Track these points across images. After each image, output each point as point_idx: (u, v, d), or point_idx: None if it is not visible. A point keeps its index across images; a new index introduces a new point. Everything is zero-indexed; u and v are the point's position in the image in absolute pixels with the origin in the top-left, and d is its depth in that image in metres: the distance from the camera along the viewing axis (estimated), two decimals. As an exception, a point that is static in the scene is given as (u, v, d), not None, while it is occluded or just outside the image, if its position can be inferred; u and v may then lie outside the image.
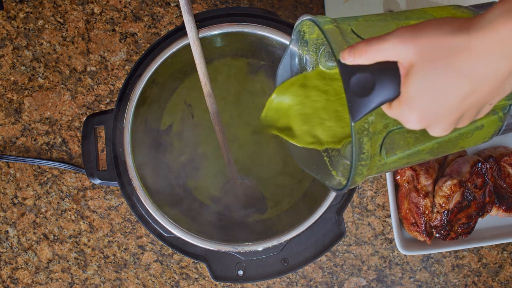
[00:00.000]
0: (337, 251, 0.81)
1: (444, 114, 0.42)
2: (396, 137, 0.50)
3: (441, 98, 0.41)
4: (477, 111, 0.43)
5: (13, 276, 0.81)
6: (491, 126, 0.53)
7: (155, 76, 0.69)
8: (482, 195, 0.74)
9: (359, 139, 0.48)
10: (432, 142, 0.52)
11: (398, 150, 0.51)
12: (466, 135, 0.53)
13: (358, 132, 0.48)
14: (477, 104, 0.42)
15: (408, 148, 0.51)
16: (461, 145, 0.54)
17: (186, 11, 0.63)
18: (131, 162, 0.67)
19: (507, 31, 0.38)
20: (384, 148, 0.50)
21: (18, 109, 0.81)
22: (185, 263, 0.80)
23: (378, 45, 0.43)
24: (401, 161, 0.53)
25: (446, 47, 0.41)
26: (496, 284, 0.82)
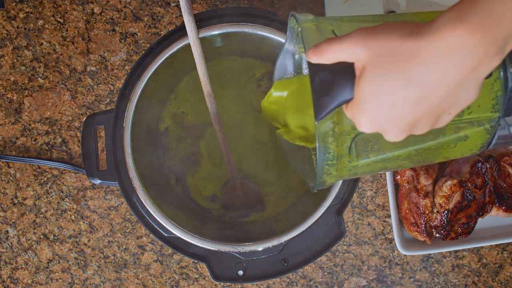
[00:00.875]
0: (337, 251, 0.81)
1: (393, 119, 0.42)
2: (370, 140, 0.50)
3: (389, 103, 0.41)
4: (433, 120, 0.42)
5: (13, 276, 0.81)
6: (478, 138, 0.51)
7: (155, 76, 0.69)
8: (482, 195, 0.74)
9: (323, 138, 0.48)
10: (409, 148, 0.51)
11: (372, 154, 0.50)
12: (449, 145, 0.52)
13: (323, 131, 0.48)
14: (432, 112, 0.41)
15: (382, 153, 0.51)
16: (444, 155, 0.53)
17: (186, 11, 0.63)
18: (131, 162, 0.67)
19: (453, 39, 0.38)
20: (354, 150, 0.50)
21: (18, 109, 0.81)
22: (185, 263, 0.80)
23: (336, 46, 0.43)
24: (376, 165, 0.52)
25: (395, 52, 0.40)
26: (496, 284, 0.82)
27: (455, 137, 0.51)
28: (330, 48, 0.43)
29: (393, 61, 0.40)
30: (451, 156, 0.53)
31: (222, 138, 0.70)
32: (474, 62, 0.38)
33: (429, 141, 0.51)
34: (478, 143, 0.52)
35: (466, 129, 0.50)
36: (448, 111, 0.42)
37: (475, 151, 0.53)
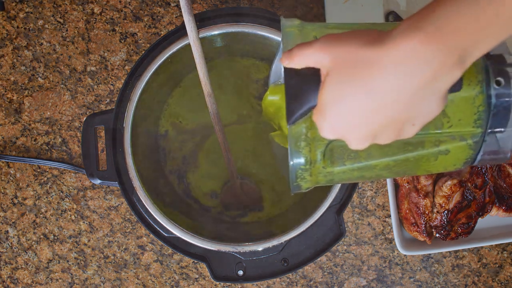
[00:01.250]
0: (337, 251, 0.81)
1: (353, 127, 0.42)
2: (347, 148, 0.49)
3: (348, 110, 0.41)
4: (396, 130, 0.42)
5: (13, 276, 0.81)
6: (460, 153, 0.50)
7: (155, 76, 0.69)
8: (482, 195, 0.75)
9: (296, 143, 0.48)
10: (386, 159, 0.50)
11: (348, 161, 0.50)
12: (428, 159, 0.51)
13: (295, 135, 0.48)
14: (393, 122, 0.41)
15: (359, 161, 0.50)
16: (425, 168, 0.52)
17: (186, 11, 0.63)
18: (131, 162, 0.67)
19: (408, 48, 0.37)
20: (330, 157, 0.50)
21: (18, 109, 0.81)
22: (185, 263, 0.80)
23: (304, 51, 0.43)
24: (353, 173, 0.51)
25: (355, 59, 0.40)
26: (496, 284, 0.82)
27: (435, 151, 0.50)
28: (299, 53, 0.44)
29: (352, 68, 0.40)
30: (433, 170, 0.52)
31: (222, 138, 0.70)
32: (430, 72, 0.38)
33: (407, 153, 0.50)
34: (461, 158, 0.51)
35: (447, 143, 0.50)
36: (411, 122, 0.41)
37: (459, 166, 0.52)
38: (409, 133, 0.43)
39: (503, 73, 0.48)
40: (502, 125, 0.49)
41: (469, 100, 0.48)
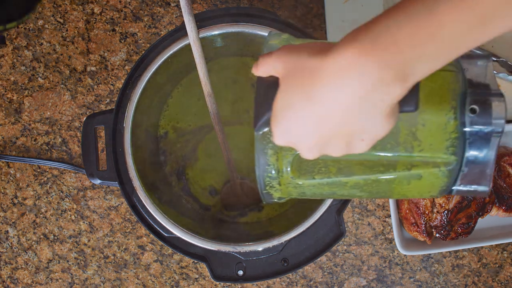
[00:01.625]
0: (337, 251, 0.81)
1: (301, 135, 0.42)
2: (319, 162, 0.49)
3: (295, 119, 0.41)
4: (344, 143, 0.42)
5: (13, 276, 0.81)
6: (434, 179, 0.49)
7: (155, 76, 0.69)
8: (482, 195, 0.75)
9: (262, 149, 0.49)
10: (356, 177, 0.50)
11: (318, 175, 0.50)
12: (400, 182, 0.50)
13: (262, 143, 0.49)
14: (339, 134, 0.41)
15: (328, 176, 0.50)
16: (399, 192, 0.51)
17: (186, 11, 0.63)
18: (131, 162, 0.67)
19: (345, 59, 0.37)
20: (298, 167, 0.50)
21: (18, 109, 0.81)
22: (185, 263, 0.80)
23: (266, 60, 0.45)
24: (324, 188, 0.51)
25: (302, 68, 0.41)
26: (496, 284, 0.82)
27: (407, 174, 0.49)
28: (263, 62, 0.45)
29: (299, 77, 0.41)
30: (408, 194, 0.51)
31: (222, 138, 0.70)
32: (366, 85, 0.37)
33: (378, 173, 0.49)
34: (436, 186, 0.50)
35: (419, 167, 0.48)
36: (359, 137, 0.41)
37: (435, 194, 0.51)
38: (360, 149, 0.42)
39: (481, 102, 0.47)
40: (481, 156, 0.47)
41: (440, 126, 0.47)
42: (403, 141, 0.48)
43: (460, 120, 0.47)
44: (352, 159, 0.49)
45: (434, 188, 0.50)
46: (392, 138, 0.48)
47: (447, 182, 0.49)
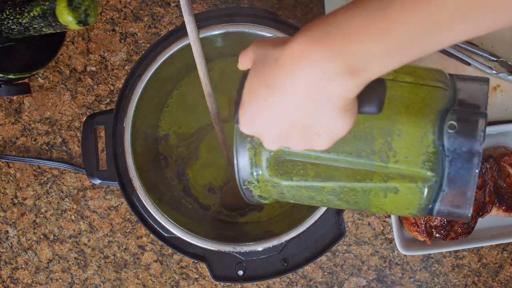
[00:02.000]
0: (337, 251, 0.81)
1: (263, 124, 0.43)
2: (298, 164, 0.49)
3: (258, 108, 0.42)
4: (303, 136, 0.42)
5: (13, 276, 0.81)
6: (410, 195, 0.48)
7: (155, 76, 0.69)
8: (482, 195, 0.75)
9: (241, 143, 0.49)
10: (333, 183, 0.49)
11: (296, 177, 0.50)
12: (377, 193, 0.49)
13: (241, 135, 0.49)
14: (297, 125, 0.41)
15: (305, 179, 0.50)
16: (377, 204, 0.50)
17: (186, 11, 0.63)
18: (131, 162, 0.67)
19: (298, 49, 0.38)
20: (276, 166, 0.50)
21: (18, 109, 0.81)
22: (185, 263, 0.80)
23: (243, 53, 0.46)
24: (302, 192, 0.51)
25: (265, 58, 0.42)
26: (496, 284, 0.82)
27: (383, 186, 0.48)
28: (241, 55, 0.47)
29: (262, 67, 0.42)
30: (386, 208, 0.51)
31: (222, 138, 0.70)
32: (316, 75, 0.38)
33: (354, 182, 0.49)
34: (414, 203, 0.49)
35: (395, 180, 0.48)
36: (315, 131, 0.41)
37: (413, 211, 0.50)
38: (319, 144, 0.43)
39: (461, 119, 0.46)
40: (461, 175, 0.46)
41: (416, 138, 0.46)
42: (378, 150, 0.47)
43: (438, 135, 0.46)
44: (331, 164, 0.49)
45: (412, 205, 0.49)
46: (367, 145, 0.47)
47: (425, 200, 0.48)
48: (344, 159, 0.48)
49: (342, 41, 0.37)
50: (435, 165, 0.46)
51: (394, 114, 0.47)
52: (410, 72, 0.50)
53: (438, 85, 0.49)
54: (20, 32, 0.61)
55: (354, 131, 0.48)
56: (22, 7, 0.59)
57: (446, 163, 0.46)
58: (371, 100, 0.42)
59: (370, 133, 0.47)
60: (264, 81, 0.41)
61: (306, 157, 0.49)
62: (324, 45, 0.37)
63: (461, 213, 0.48)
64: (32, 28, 0.60)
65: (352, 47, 0.37)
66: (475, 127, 0.45)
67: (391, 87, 0.49)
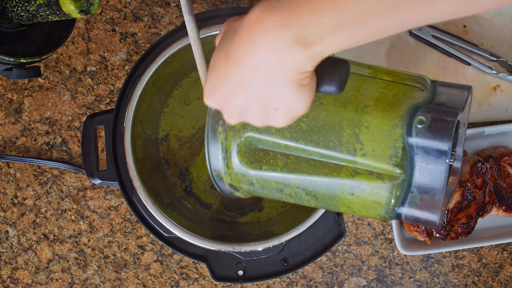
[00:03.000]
0: (337, 251, 0.81)
1: (223, 96, 0.43)
2: (269, 154, 0.49)
3: (219, 79, 0.42)
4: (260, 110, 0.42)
5: (13, 276, 0.81)
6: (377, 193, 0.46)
7: (155, 76, 0.69)
8: (482, 195, 0.75)
9: (213, 126, 0.49)
10: (301, 175, 0.48)
11: (265, 166, 0.49)
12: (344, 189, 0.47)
13: (214, 118, 0.49)
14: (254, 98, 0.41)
15: (275, 170, 0.49)
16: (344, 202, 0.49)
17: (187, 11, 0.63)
18: (131, 162, 0.67)
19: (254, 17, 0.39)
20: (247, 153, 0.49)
21: (18, 109, 0.81)
22: (185, 263, 0.80)
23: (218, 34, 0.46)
24: (270, 183, 0.50)
25: (229, 30, 0.42)
26: (496, 284, 0.82)
27: (350, 182, 0.47)
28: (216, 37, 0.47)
29: (224, 39, 0.43)
30: (354, 208, 0.49)
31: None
32: (270, 43, 0.38)
33: (321, 174, 0.47)
34: (381, 202, 0.47)
35: (363, 176, 0.46)
36: (272, 105, 0.41)
37: (381, 213, 0.48)
38: (277, 121, 0.42)
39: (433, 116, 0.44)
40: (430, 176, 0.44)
41: (384, 131, 0.45)
42: (346, 142, 0.46)
43: (407, 130, 0.44)
44: (300, 155, 0.48)
45: (380, 205, 0.47)
46: (335, 136, 0.47)
47: (393, 200, 0.46)
48: (313, 149, 0.47)
49: (294, 11, 0.37)
50: (403, 161, 0.45)
51: (364, 106, 0.47)
52: (389, 73, 0.50)
53: (415, 85, 0.48)
54: (28, 19, 0.63)
55: (322, 120, 0.47)
56: None
57: (416, 162, 0.44)
58: (330, 78, 0.41)
59: (339, 123, 0.46)
60: (225, 52, 0.41)
61: (277, 146, 0.49)
62: (278, 13, 0.38)
63: (429, 219, 0.46)
64: (39, 16, 0.62)
65: (303, 17, 0.37)
66: (445, 124, 0.43)
67: (366, 82, 0.48)
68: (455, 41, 0.78)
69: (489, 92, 0.79)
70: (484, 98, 0.79)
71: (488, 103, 0.79)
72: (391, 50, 0.78)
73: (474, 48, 0.77)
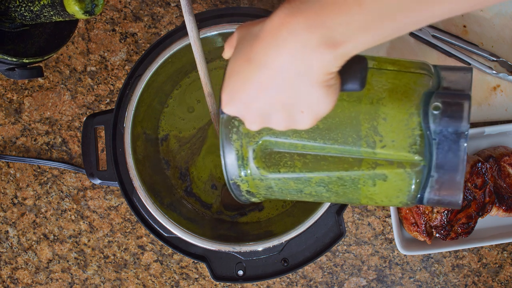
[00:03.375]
0: (337, 251, 0.81)
1: (245, 102, 0.42)
2: (285, 156, 0.49)
3: (238, 83, 0.42)
4: (284, 113, 0.42)
5: (13, 276, 0.81)
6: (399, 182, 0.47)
7: (155, 76, 0.69)
8: (482, 195, 0.75)
9: (227, 134, 0.48)
10: (321, 173, 0.48)
11: (283, 169, 0.49)
12: (366, 182, 0.48)
13: (227, 127, 0.48)
14: (279, 102, 0.41)
15: (293, 171, 0.49)
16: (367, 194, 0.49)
17: (187, 11, 0.63)
18: (131, 162, 0.67)
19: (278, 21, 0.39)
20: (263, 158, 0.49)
21: (18, 109, 0.81)
22: (185, 263, 0.80)
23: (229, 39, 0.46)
24: (290, 185, 0.50)
25: (247, 35, 0.42)
26: (496, 284, 0.82)
27: (372, 173, 0.47)
28: (226, 43, 0.47)
29: (243, 44, 0.42)
30: (376, 198, 0.50)
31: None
32: (294, 46, 0.38)
33: (342, 170, 0.48)
34: (403, 190, 0.48)
35: (384, 167, 0.47)
36: (298, 108, 0.41)
37: (403, 200, 0.49)
38: (302, 123, 0.42)
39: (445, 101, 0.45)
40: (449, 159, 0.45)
41: (402, 121, 0.46)
42: (365, 135, 0.47)
43: (423, 118, 0.46)
44: (318, 154, 0.48)
45: (402, 192, 0.48)
46: (353, 131, 0.47)
47: (415, 186, 0.47)
48: (331, 147, 0.47)
49: (320, 13, 0.37)
50: (422, 148, 0.46)
51: (378, 98, 0.47)
52: (393, 62, 0.50)
53: (422, 72, 0.49)
54: (32, 19, 0.63)
55: (339, 117, 0.47)
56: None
57: (434, 147, 0.45)
58: (352, 76, 0.41)
59: (356, 118, 0.47)
60: (245, 57, 0.41)
61: (293, 147, 0.49)
62: (304, 16, 0.37)
63: (451, 200, 0.47)
64: (43, 16, 0.62)
65: (330, 19, 0.37)
66: (460, 107, 0.45)
67: (374, 74, 0.49)
68: (455, 41, 0.78)
69: (489, 92, 0.79)
70: (484, 98, 0.79)
71: (488, 103, 0.79)
72: (391, 50, 0.78)
73: (474, 48, 0.78)
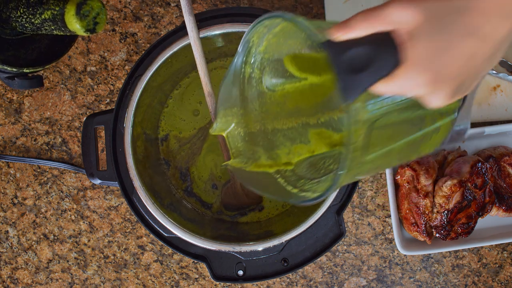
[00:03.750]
0: (337, 251, 0.81)
1: (450, 75, 0.42)
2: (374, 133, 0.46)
3: (448, 56, 0.41)
4: (473, 81, 0.43)
5: (13, 276, 0.81)
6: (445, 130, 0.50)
7: (155, 76, 0.69)
8: (482, 195, 0.75)
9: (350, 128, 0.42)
10: (402, 141, 0.48)
11: (378, 147, 0.47)
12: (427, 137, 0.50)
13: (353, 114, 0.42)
14: (476, 70, 0.42)
15: (381, 147, 0.47)
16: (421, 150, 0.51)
17: (187, 11, 0.63)
18: (131, 162, 0.67)
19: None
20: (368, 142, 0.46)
21: (18, 109, 0.81)
22: (185, 263, 0.80)
23: (374, 15, 0.42)
24: (377, 162, 0.48)
25: (451, 6, 0.41)
26: (496, 284, 0.82)
27: (432, 129, 0.49)
28: (365, 19, 0.42)
29: (451, 13, 0.41)
30: (425, 151, 0.51)
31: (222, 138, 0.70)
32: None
33: (416, 132, 0.49)
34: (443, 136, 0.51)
35: (438, 119, 0.49)
36: (482, 72, 0.43)
37: (438, 146, 0.52)
38: (473, 86, 0.44)
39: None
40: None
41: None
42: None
43: None
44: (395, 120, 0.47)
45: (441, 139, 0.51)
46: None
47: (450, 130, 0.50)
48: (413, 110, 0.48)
49: None
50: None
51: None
52: None
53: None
54: (33, 30, 0.62)
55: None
56: (34, 8, 0.60)
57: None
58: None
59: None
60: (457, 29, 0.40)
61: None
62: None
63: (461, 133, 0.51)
64: (44, 29, 0.61)
65: None
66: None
67: None
68: (455, 41, 0.77)
69: (489, 92, 0.79)
70: (484, 98, 0.79)
71: (488, 103, 0.79)
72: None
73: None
